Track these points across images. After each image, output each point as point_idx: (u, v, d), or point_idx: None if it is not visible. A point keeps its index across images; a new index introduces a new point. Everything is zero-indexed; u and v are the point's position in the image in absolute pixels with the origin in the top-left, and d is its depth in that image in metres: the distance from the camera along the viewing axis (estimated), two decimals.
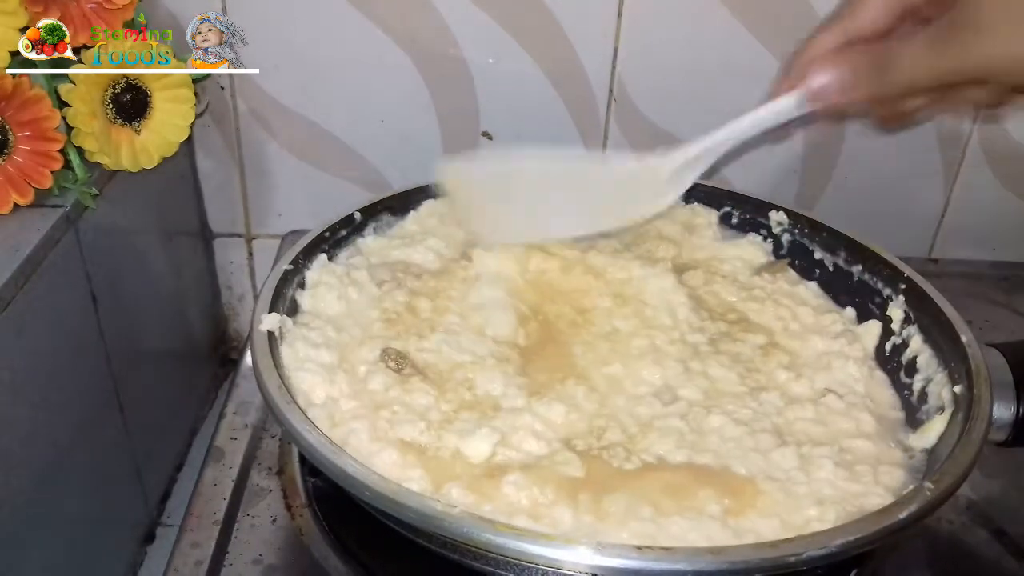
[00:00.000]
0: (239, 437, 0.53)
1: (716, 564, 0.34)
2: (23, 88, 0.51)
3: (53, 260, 0.52)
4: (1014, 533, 0.49)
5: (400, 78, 0.71)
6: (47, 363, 0.53)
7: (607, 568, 0.35)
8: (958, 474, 0.39)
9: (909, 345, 0.51)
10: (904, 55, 0.38)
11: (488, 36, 0.69)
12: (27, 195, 0.53)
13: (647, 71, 0.71)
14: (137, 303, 0.66)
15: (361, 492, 0.38)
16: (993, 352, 0.46)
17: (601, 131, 0.74)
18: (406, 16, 0.69)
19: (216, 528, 0.47)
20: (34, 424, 0.51)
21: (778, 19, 0.69)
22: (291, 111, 0.73)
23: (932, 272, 0.75)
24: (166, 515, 0.70)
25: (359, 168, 0.75)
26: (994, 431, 0.44)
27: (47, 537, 0.53)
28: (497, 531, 0.35)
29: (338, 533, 0.47)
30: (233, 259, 0.81)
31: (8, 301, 0.48)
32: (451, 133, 0.74)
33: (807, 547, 0.35)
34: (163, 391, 0.72)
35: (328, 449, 0.39)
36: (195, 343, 0.79)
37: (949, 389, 0.46)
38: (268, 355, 0.44)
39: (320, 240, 0.55)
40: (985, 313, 0.70)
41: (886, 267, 0.54)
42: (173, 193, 0.73)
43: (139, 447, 0.65)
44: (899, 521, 0.37)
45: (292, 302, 0.51)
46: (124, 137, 0.57)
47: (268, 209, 0.78)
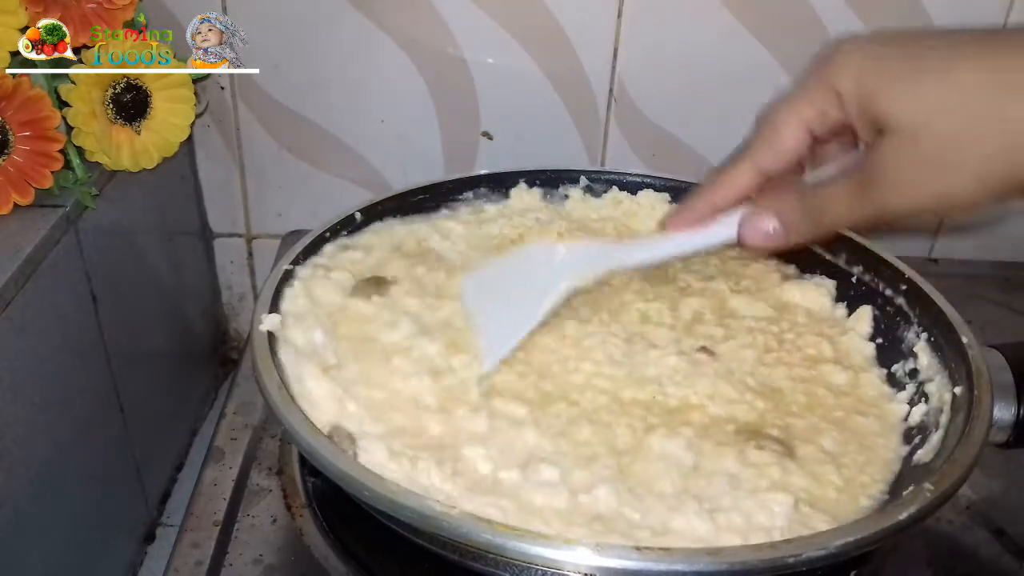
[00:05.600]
0: (239, 437, 0.53)
1: (715, 565, 0.34)
2: (23, 88, 0.51)
3: (53, 260, 0.52)
4: (1014, 533, 0.49)
5: (400, 78, 0.71)
6: (47, 363, 0.53)
7: (606, 568, 0.34)
8: (958, 475, 0.39)
9: (909, 346, 0.51)
10: (830, 202, 0.39)
11: (488, 36, 0.69)
12: (27, 195, 0.53)
13: (647, 71, 0.71)
14: (137, 303, 0.66)
15: (360, 492, 0.38)
16: (993, 353, 0.46)
17: (601, 131, 0.74)
18: (406, 16, 0.69)
19: (216, 528, 0.47)
20: (34, 424, 0.51)
21: (778, 19, 0.69)
22: (291, 111, 0.73)
23: (932, 272, 0.75)
24: (166, 515, 0.70)
25: (359, 168, 0.75)
26: (994, 432, 0.44)
27: (47, 537, 0.53)
28: (496, 531, 0.35)
29: (338, 533, 0.46)
30: (233, 259, 0.81)
31: (8, 301, 0.48)
32: (451, 133, 0.74)
33: (806, 548, 0.35)
34: (163, 391, 0.72)
35: (328, 449, 0.39)
36: (195, 343, 0.79)
37: (949, 390, 0.46)
38: (268, 355, 0.44)
39: (320, 240, 0.55)
40: (985, 313, 0.69)
41: (886, 267, 0.54)
42: (173, 193, 0.73)
43: (139, 447, 0.65)
44: (899, 522, 0.36)
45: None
46: (124, 137, 0.57)
47: (268, 209, 0.78)
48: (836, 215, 0.39)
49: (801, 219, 0.40)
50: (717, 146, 0.74)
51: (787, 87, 0.41)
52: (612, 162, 0.75)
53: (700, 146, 0.74)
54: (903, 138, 0.35)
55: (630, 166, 0.72)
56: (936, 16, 0.68)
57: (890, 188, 0.36)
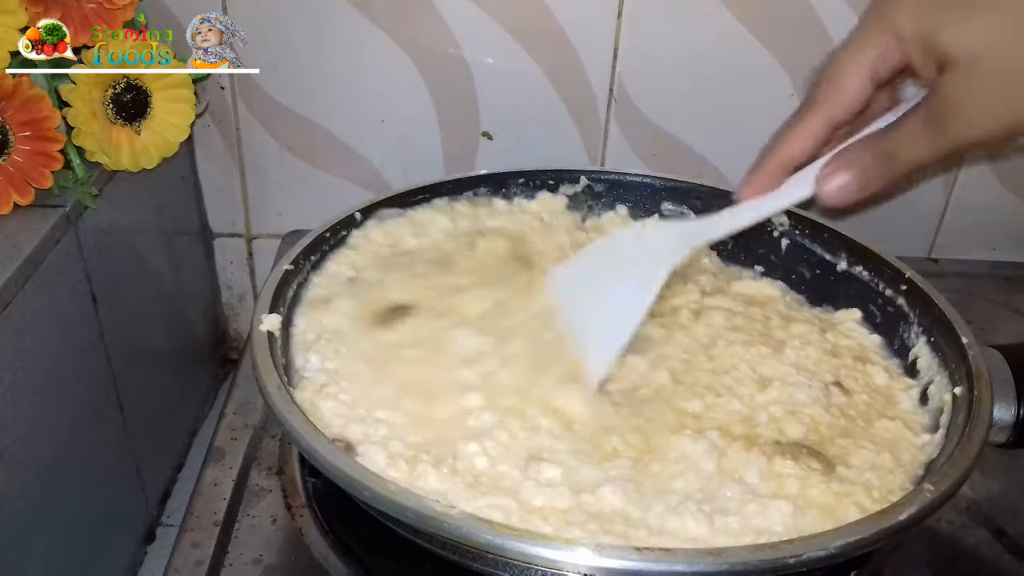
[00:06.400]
0: (239, 437, 0.53)
1: (716, 565, 0.34)
2: (23, 88, 0.51)
3: (53, 260, 0.52)
4: (1014, 533, 0.49)
5: (400, 78, 0.71)
6: (47, 363, 0.53)
7: (606, 569, 0.34)
8: (958, 476, 0.39)
9: (909, 347, 0.51)
10: (903, 143, 0.39)
11: (488, 36, 0.69)
12: (27, 195, 0.53)
13: (647, 71, 0.71)
14: (137, 303, 0.66)
15: (360, 492, 0.38)
16: (993, 353, 0.46)
17: (601, 131, 0.74)
18: (406, 16, 0.69)
19: (216, 528, 0.47)
20: (34, 424, 0.51)
21: (778, 19, 0.69)
22: (291, 111, 0.73)
23: (932, 272, 0.75)
24: (166, 515, 0.70)
25: (359, 168, 0.75)
26: (994, 433, 0.44)
27: (47, 537, 0.53)
28: (496, 532, 0.35)
29: (338, 533, 0.46)
30: (233, 259, 0.81)
31: (8, 301, 0.48)
32: (451, 133, 0.74)
33: (807, 548, 0.35)
34: (163, 391, 0.72)
35: (327, 450, 0.39)
36: (195, 343, 0.79)
37: (949, 391, 0.46)
38: (268, 355, 0.44)
39: (320, 240, 0.55)
40: (985, 313, 0.69)
41: (886, 267, 0.54)
42: (173, 193, 0.73)
43: (139, 447, 0.65)
44: (899, 522, 0.36)
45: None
46: (124, 137, 0.57)
47: (268, 209, 0.78)
48: (909, 155, 0.39)
49: (874, 165, 0.40)
50: (717, 146, 0.74)
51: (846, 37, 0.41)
52: (612, 162, 0.75)
53: (700, 146, 0.74)
54: (968, 68, 0.36)
55: (630, 166, 0.72)
56: None
57: (962, 120, 0.37)
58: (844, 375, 0.50)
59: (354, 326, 0.51)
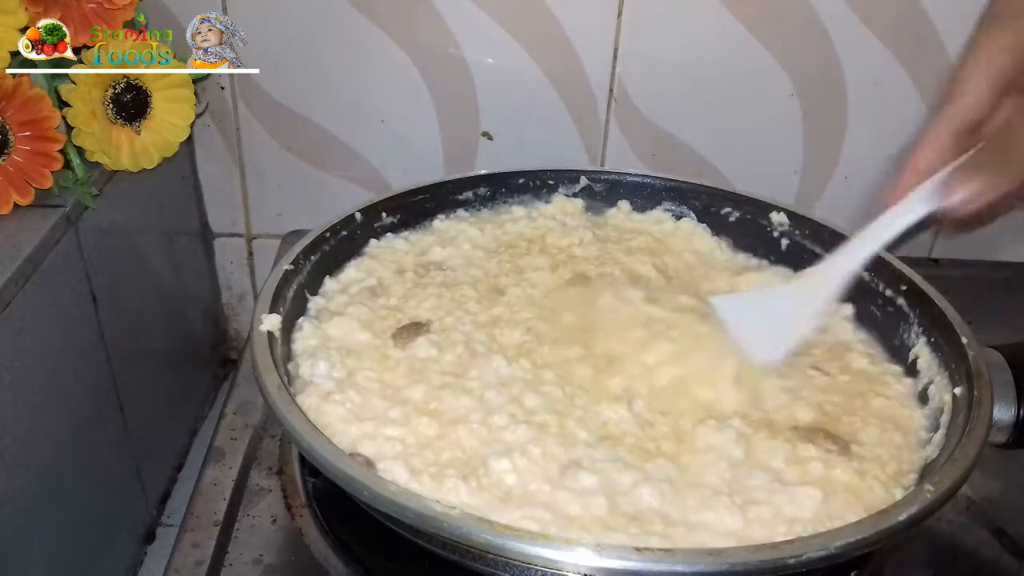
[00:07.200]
0: (239, 437, 0.53)
1: (716, 565, 0.34)
2: (23, 88, 0.51)
3: (53, 260, 0.52)
4: (1014, 533, 0.49)
5: (400, 78, 0.71)
6: (47, 363, 0.53)
7: (606, 569, 0.34)
8: (958, 476, 0.39)
9: (910, 347, 0.51)
10: (1017, 143, 0.40)
11: (488, 36, 0.69)
12: (27, 195, 0.53)
13: (647, 71, 0.71)
14: (137, 303, 0.66)
15: (360, 492, 0.38)
16: (993, 353, 0.46)
17: (601, 131, 0.74)
18: (406, 16, 0.69)
19: (216, 528, 0.47)
20: (34, 424, 0.51)
21: (778, 19, 0.69)
22: (291, 111, 0.73)
23: (932, 272, 0.75)
24: (166, 515, 0.70)
25: (359, 168, 0.75)
26: (995, 433, 0.44)
27: (47, 537, 0.53)
28: (496, 532, 0.35)
29: (338, 533, 0.46)
30: (233, 259, 0.81)
31: (8, 301, 0.48)
32: (451, 133, 0.74)
33: (807, 548, 0.35)
34: (163, 391, 0.72)
35: (327, 450, 0.39)
36: (195, 343, 0.79)
37: (950, 391, 0.46)
38: (268, 355, 0.44)
39: (320, 240, 0.55)
40: (985, 313, 0.69)
41: (886, 267, 0.54)
42: (173, 193, 0.73)
43: (139, 447, 0.65)
44: (899, 523, 0.36)
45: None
46: (124, 137, 0.57)
47: (268, 209, 0.78)
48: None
49: (998, 167, 0.40)
50: (717, 146, 0.74)
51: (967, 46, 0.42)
52: (612, 162, 0.75)
53: (700, 146, 0.74)
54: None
55: (630, 166, 0.72)
56: (936, 16, 0.68)
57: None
58: (819, 361, 0.51)
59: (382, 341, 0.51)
